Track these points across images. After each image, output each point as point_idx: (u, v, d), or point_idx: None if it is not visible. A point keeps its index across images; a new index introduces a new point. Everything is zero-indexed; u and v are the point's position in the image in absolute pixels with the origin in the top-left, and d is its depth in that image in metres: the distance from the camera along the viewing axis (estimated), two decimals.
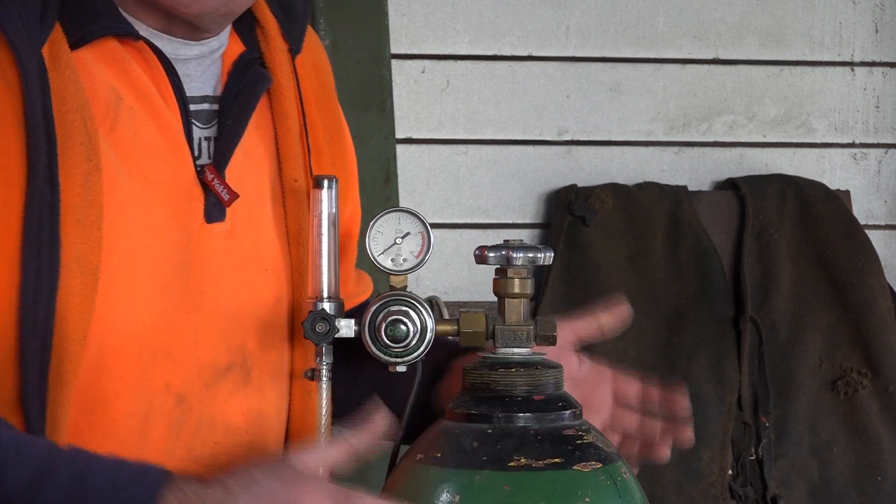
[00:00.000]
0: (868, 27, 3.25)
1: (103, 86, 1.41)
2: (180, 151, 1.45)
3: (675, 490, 2.91)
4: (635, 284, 3.02)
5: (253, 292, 1.50)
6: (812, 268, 3.08)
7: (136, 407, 1.41)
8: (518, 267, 1.43)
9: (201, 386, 1.46)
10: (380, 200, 2.95)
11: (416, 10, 3.07)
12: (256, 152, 1.52)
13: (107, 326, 1.38)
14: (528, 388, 1.40)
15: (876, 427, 3.01)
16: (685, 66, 3.18)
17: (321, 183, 1.46)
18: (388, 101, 3.01)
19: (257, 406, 1.51)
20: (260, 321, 1.51)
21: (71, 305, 1.35)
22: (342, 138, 1.66)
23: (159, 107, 1.44)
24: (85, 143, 1.36)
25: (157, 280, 1.42)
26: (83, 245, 1.35)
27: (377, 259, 1.45)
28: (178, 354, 1.44)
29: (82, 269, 1.35)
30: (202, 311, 1.46)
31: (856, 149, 3.26)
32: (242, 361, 1.49)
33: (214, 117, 1.49)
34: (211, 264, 1.46)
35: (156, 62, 1.44)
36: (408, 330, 1.43)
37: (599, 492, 1.35)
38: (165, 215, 1.43)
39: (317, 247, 1.45)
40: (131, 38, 1.43)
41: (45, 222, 1.33)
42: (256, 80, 1.51)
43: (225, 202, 1.46)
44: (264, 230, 1.52)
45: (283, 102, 1.55)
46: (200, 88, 1.49)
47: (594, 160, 3.15)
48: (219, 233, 1.47)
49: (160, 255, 1.42)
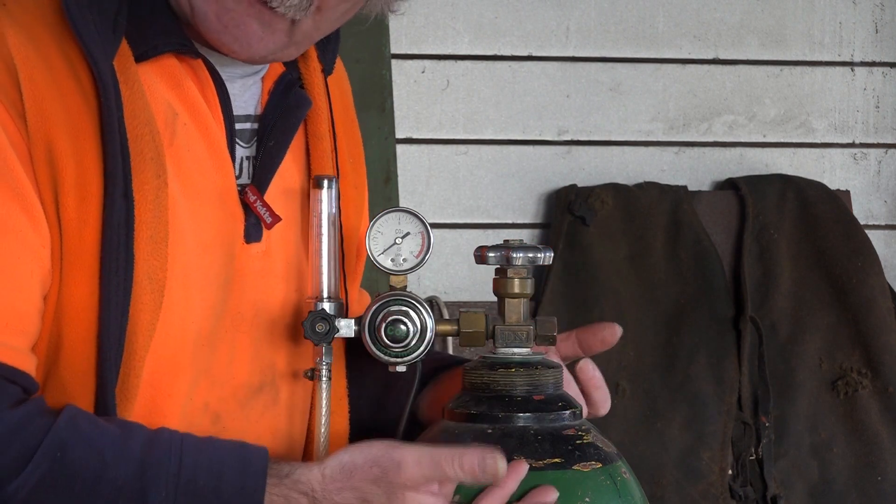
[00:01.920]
0: (868, 27, 3.25)
1: (162, 101, 1.41)
2: (226, 170, 1.45)
3: (675, 490, 2.91)
4: (635, 284, 3.02)
5: (283, 312, 1.50)
6: (812, 268, 3.08)
7: (180, 425, 1.40)
8: (518, 267, 1.43)
9: (235, 405, 1.46)
10: (380, 200, 2.95)
11: (416, 10, 3.07)
12: (290, 173, 1.52)
13: (164, 343, 1.38)
14: (528, 388, 1.40)
15: (876, 427, 3.01)
16: (685, 66, 3.18)
17: (321, 183, 1.46)
18: (388, 101, 3.01)
19: (285, 427, 1.52)
20: (289, 342, 1.51)
21: (140, 321, 1.35)
22: (360, 160, 1.66)
23: (209, 124, 1.43)
24: (154, 159, 1.36)
25: (206, 299, 1.42)
26: (154, 261, 1.35)
27: (377, 259, 1.45)
28: (216, 373, 1.44)
29: (152, 287, 1.35)
30: (239, 330, 1.46)
31: (856, 149, 3.26)
32: (272, 381, 1.49)
33: (254, 136, 1.49)
34: (247, 284, 1.46)
35: (208, 80, 1.44)
36: (408, 330, 1.43)
37: (599, 492, 1.35)
38: (213, 234, 1.43)
39: (317, 247, 1.45)
40: (191, 56, 1.42)
41: (122, 238, 1.33)
42: (298, 103, 1.51)
43: (267, 225, 1.46)
44: (294, 252, 1.52)
45: (320, 125, 1.55)
46: (244, 108, 1.48)
47: (594, 160, 3.15)
48: (255, 253, 1.47)
49: (209, 273, 1.42)
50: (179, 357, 1.40)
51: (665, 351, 3.00)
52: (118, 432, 1.29)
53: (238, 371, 1.46)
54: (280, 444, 1.50)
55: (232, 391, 1.46)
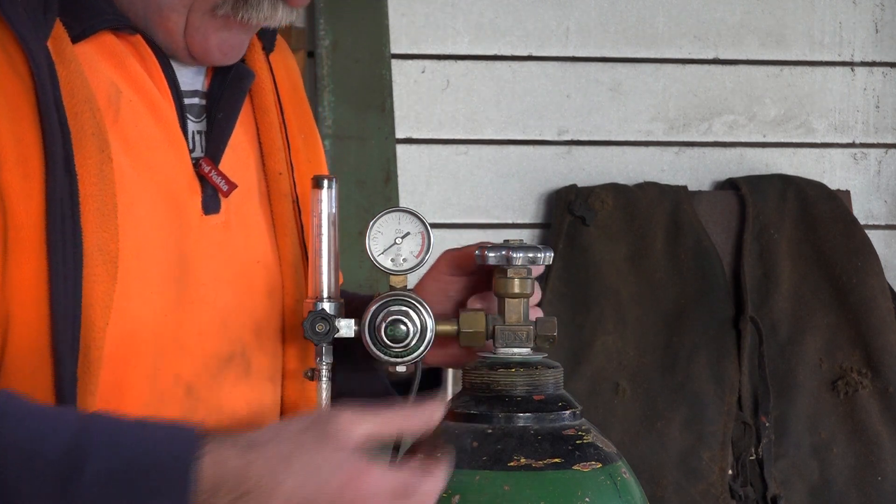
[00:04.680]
0: (868, 27, 3.25)
1: (104, 79, 1.43)
2: (178, 144, 1.47)
3: (675, 490, 2.91)
4: (635, 284, 3.02)
5: (247, 284, 1.52)
6: (812, 268, 3.08)
7: (150, 397, 1.42)
8: (518, 267, 1.43)
9: (208, 377, 1.47)
10: (380, 200, 2.95)
11: (416, 10, 3.07)
12: (242, 147, 1.55)
13: (123, 316, 1.39)
14: (528, 388, 1.40)
15: (876, 427, 3.01)
16: (685, 66, 3.18)
17: (321, 183, 1.46)
18: (388, 101, 3.01)
19: (258, 396, 1.53)
20: (255, 313, 1.52)
21: (95, 293, 1.36)
22: (315, 138, 1.69)
23: (157, 100, 1.46)
24: (96, 134, 1.38)
25: (164, 271, 1.43)
26: (103, 233, 1.37)
27: (377, 259, 1.45)
28: (186, 345, 1.45)
29: (104, 257, 1.36)
30: (205, 302, 1.47)
31: (856, 149, 3.26)
32: (242, 352, 1.51)
33: (204, 112, 1.52)
34: (209, 256, 1.48)
35: (151, 57, 1.46)
36: (408, 330, 1.43)
37: (599, 492, 1.35)
38: (167, 207, 1.44)
39: (317, 247, 1.45)
40: (128, 33, 1.45)
41: (67, 212, 1.34)
42: (242, 76, 1.54)
43: (223, 193, 1.48)
44: (254, 223, 1.54)
45: (264, 97, 1.58)
46: (191, 83, 1.51)
47: (594, 160, 3.15)
48: (215, 225, 1.49)
49: (165, 246, 1.44)
50: (141, 329, 1.41)
51: (665, 351, 3.00)
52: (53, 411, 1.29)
53: (208, 342, 1.47)
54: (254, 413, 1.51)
55: (203, 362, 1.47)
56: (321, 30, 2.98)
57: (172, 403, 1.44)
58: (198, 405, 1.46)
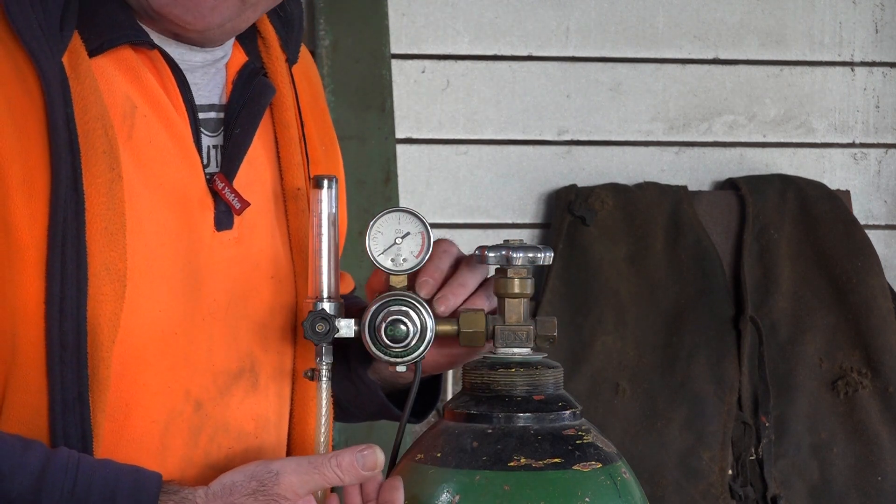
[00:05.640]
0: (868, 27, 3.25)
1: (119, 94, 1.42)
2: (191, 160, 1.45)
3: (675, 490, 2.91)
4: (635, 284, 3.02)
5: (259, 299, 1.51)
6: (812, 268, 3.08)
7: (159, 414, 1.42)
8: (518, 267, 1.43)
9: (216, 392, 1.47)
10: (380, 200, 2.95)
11: (416, 10, 3.07)
12: (259, 161, 1.53)
13: (131, 333, 1.39)
14: (528, 388, 1.40)
15: (876, 427, 3.01)
16: (685, 66, 3.18)
17: (321, 183, 1.46)
18: (388, 101, 3.01)
19: (264, 412, 1.52)
20: (266, 328, 1.51)
21: (103, 312, 1.35)
22: (334, 148, 1.68)
23: (171, 115, 1.44)
24: (107, 152, 1.37)
25: (173, 288, 1.42)
26: (111, 252, 1.36)
27: (377, 259, 1.45)
28: (195, 361, 1.45)
29: (111, 277, 1.36)
30: (215, 318, 1.46)
31: (856, 149, 3.26)
32: (251, 367, 1.50)
33: (220, 126, 1.50)
34: (220, 272, 1.47)
35: (167, 71, 1.44)
36: (408, 330, 1.43)
37: (599, 492, 1.35)
38: (178, 223, 1.43)
39: (317, 247, 1.45)
40: (146, 47, 1.43)
41: (71, 232, 1.34)
42: (262, 91, 1.52)
43: (236, 211, 1.47)
44: (269, 238, 1.53)
45: (285, 112, 1.56)
46: (207, 97, 1.49)
47: (594, 160, 3.15)
48: (227, 240, 1.47)
49: (175, 262, 1.43)
50: (150, 346, 1.40)
51: (665, 351, 3.00)
52: (19, 445, 1.29)
53: (217, 358, 1.47)
54: (260, 428, 1.51)
55: (212, 378, 1.46)
56: (321, 30, 2.98)
57: (181, 419, 1.44)
58: (206, 420, 1.45)
